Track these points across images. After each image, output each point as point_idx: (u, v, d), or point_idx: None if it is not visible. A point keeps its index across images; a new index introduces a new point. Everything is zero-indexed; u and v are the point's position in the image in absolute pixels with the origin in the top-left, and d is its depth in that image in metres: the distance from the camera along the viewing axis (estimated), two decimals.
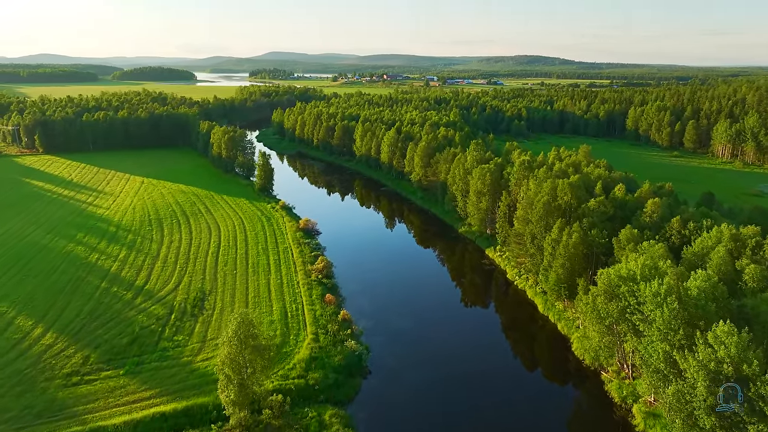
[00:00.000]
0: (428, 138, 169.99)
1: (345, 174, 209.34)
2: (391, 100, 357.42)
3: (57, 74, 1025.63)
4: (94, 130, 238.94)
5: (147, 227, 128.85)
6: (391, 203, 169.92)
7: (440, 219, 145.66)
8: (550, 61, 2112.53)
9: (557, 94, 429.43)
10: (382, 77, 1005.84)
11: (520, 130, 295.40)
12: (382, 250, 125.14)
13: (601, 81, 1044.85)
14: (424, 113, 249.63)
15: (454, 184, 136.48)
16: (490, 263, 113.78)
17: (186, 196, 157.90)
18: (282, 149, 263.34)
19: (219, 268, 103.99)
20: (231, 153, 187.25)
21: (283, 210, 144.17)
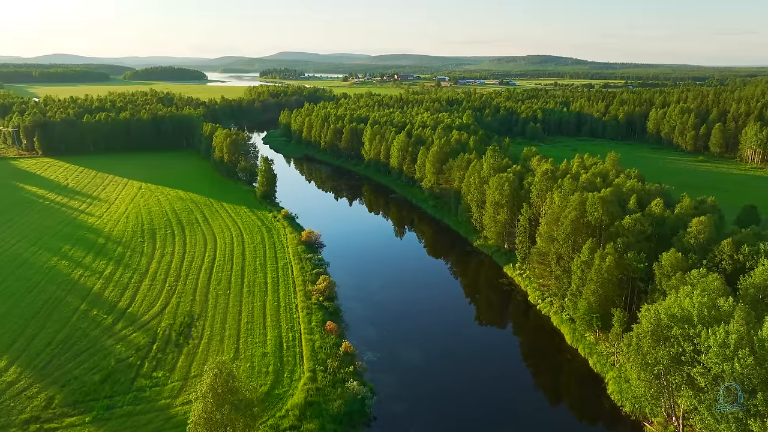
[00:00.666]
0: (440, 143, 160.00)
1: (353, 179, 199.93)
2: (401, 101, 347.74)
3: (69, 74, 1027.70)
4: (95, 132, 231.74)
5: (139, 239, 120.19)
6: (400, 211, 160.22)
7: (453, 230, 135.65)
8: (562, 61, 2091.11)
9: (572, 95, 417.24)
10: (393, 77, 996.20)
11: (535, 132, 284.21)
12: (390, 265, 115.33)
13: (615, 81, 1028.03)
14: (436, 115, 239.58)
15: (468, 194, 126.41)
16: (508, 283, 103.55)
17: (184, 204, 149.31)
18: (288, 152, 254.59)
19: (212, 287, 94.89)
20: (233, 157, 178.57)
21: (285, 220, 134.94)
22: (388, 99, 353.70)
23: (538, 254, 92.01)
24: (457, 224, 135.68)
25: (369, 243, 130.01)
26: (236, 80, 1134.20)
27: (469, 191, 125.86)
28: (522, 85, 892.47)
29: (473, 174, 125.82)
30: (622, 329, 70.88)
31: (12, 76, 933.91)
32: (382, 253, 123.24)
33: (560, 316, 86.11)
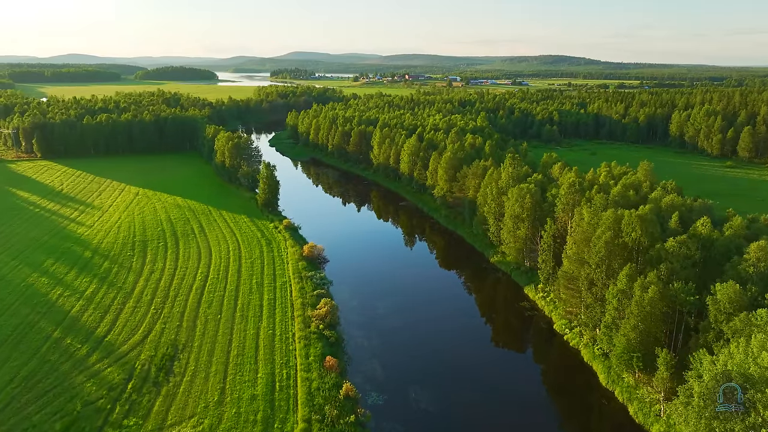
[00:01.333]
0: (454, 148, 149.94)
1: (361, 184, 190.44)
2: (412, 101, 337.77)
3: (80, 74, 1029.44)
4: (96, 134, 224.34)
5: (128, 252, 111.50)
6: (410, 220, 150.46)
7: (467, 243, 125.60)
8: (575, 61, 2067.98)
9: (589, 95, 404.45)
10: (404, 77, 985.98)
11: (551, 135, 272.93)
12: (399, 283, 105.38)
13: (630, 82, 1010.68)
14: (448, 117, 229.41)
15: (485, 205, 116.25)
16: (530, 306, 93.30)
17: (180, 212, 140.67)
18: (295, 155, 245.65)
19: (201, 311, 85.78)
20: (235, 162, 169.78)
21: (287, 231, 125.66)
22: (399, 100, 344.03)
23: (566, 278, 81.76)
24: (472, 237, 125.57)
25: (376, 257, 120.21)
26: (247, 80, 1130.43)
27: (486, 202, 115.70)
28: (535, 85, 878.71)
29: (490, 184, 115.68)
30: (670, 374, 60.76)
31: (25, 76, 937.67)
32: (391, 268, 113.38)
33: (592, 350, 75.84)
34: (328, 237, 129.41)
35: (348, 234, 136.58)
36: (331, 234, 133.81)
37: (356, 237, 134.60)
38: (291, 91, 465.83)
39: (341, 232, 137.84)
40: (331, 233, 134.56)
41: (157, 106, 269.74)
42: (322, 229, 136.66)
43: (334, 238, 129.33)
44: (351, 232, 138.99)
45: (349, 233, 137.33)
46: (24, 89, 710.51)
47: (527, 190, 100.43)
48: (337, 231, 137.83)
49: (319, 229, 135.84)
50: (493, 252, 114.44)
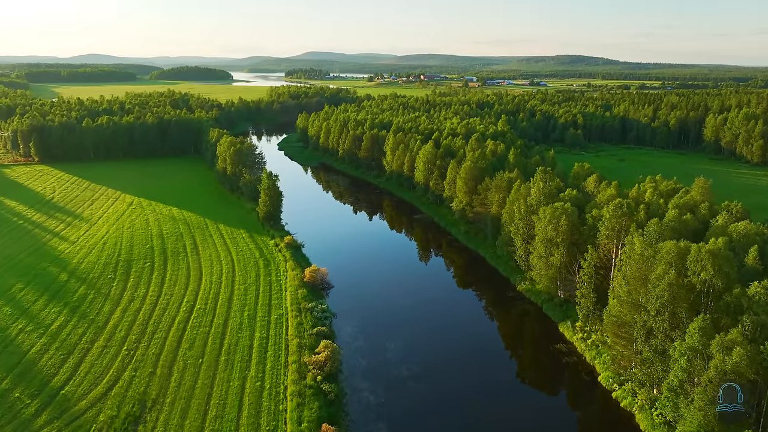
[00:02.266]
0: (474, 156, 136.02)
1: (372, 193, 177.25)
2: (428, 103, 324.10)
3: (96, 74, 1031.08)
4: (96, 137, 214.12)
5: (109, 274, 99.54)
6: (426, 235, 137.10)
7: (490, 265, 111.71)
8: (593, 61, 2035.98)
9: (612, 97, 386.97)
10: (419, 78, 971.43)
11: (576, 139, 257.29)
12: (412, 314, 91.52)
13: (651, 82, 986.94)
14: (466, 120, 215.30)
15: (510, 224, 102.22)
16: (567, 349, 79.18)
17: (174, 226, 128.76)
18: (304, 160, 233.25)
19: (181, 353, 73.21)
20: (237, 169, 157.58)
21: (288, 250, 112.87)
22: (414, 101, 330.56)
23: (615, 323, 67.63)
24: (495, 258, 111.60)
25: (387, 280, 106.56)
26: (262, 80, 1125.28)
27: (512, 221, 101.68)
28: (553, 85, 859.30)
29: (517, 200, 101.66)
30: None
31: (41, 76, 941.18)
32: (403, 293, 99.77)
33: (650, 415, 61.69)
34: (333, 256, 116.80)
35: (356, 252, 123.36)
36: (338, 252, 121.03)
37: (365, 255, 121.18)
38: (303, 92, 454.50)
39: (349, 249, 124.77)
40: (338, 251, 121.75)
41: (161, 108, 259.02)
42: (327, 246, 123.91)
43: (340, 257, 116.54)
44: (359, 249, 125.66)
45: (357, 251, 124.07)
46: (38, 89, 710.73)
47: (562, 211, 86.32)
48: (345, 248, 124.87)
49: (324, 246, 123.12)
50: (520, 278, 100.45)
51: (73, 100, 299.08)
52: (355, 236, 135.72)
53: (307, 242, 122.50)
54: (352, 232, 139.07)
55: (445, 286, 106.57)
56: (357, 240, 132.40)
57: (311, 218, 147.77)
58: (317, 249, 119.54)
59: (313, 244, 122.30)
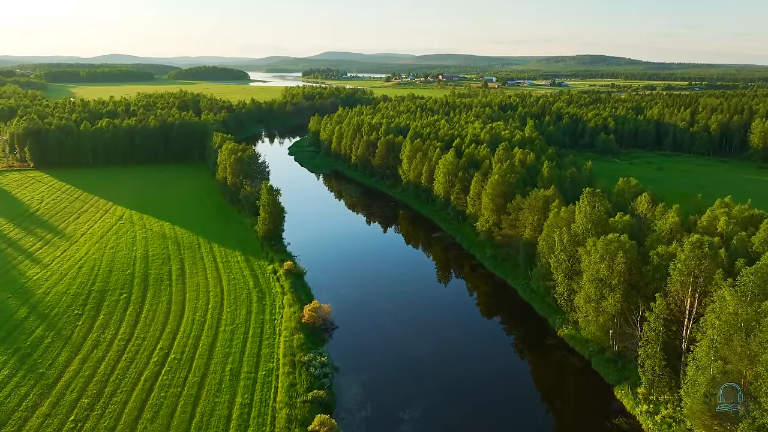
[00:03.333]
0: (502, 169, 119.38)
1: (387, 205, 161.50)
2: (447, 105, 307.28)
3: (114, 74, 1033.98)
4: (94, 141, 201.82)
5: (77, 309, 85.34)
6: (446, 255, 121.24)
7: (522, 299, 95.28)
8: (615, 61, 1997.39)
9: (642, 99, 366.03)
10: (438, 78, 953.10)
11: (607, 145, 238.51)
12: (432, 365, 75.60)
13: (677, 83, 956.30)
14: (490, 125, 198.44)
15: (549, 253, 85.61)
16: (628, 425, 62.47)
17: (163, 245, 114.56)
18: (314, 166, 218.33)
19: (140, 427, 58.29)
20: (237, 179, 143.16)
21: (288, 278, 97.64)
22: (432, 103, 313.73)
23: (706, 410, 50.89)
24: (529, 292, 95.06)
25: (402, 317, 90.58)
26: (279, 80, 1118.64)
27: (551, 251, 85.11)
28: (575, 86, 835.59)
29: (558, 226, 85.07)
30: None
31: (60, 76, 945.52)
32: (422, 337, 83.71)
33: None
34: (340, 282, 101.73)
35: (366, 277, 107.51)
36: (345, 278, 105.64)
37: (376, 282, 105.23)
38: (318, 93, 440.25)
39: (358, 274, 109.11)
40: (345, 277, 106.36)
41: (166, 111, 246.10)
42: (334, 270, 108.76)
43: (348, 285, 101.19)
44: (370, 274, 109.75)
45: (367, 276, 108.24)
46: (55, 89, 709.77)
47: (618, 245, 69.54)
48: (353, 273, 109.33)
49: (330, 270, 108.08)
50: (560, 320, 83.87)
51: (78, 101, 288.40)
52: (365, 257, 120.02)
53: (311, 265, 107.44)
54: (362, 252, 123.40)
55: (470, 324, 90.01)
56: (368, 262, 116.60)
57: (318, 234, 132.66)
58: (322, 274, 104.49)
59: (317, 267, 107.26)
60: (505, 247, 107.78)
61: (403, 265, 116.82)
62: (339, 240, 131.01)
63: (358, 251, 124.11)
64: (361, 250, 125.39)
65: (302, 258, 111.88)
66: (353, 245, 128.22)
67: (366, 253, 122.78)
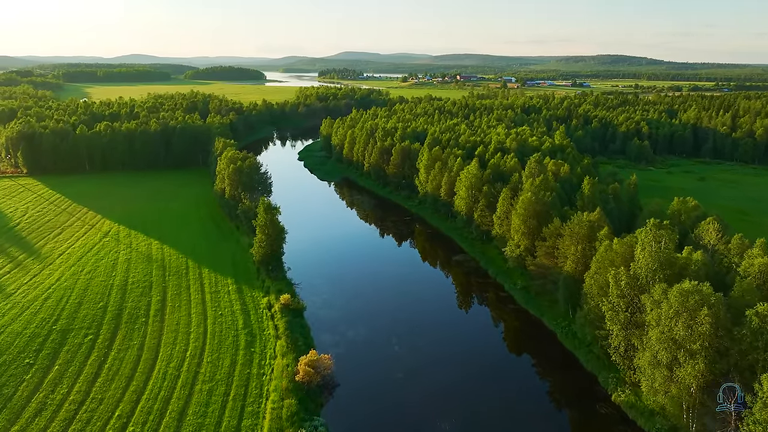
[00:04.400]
0: (534, 186, 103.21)
1: (402, 219, 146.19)
2: (466, 107, 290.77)
3: (131, 74, 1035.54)
4: (91, 146, 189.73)
5: (30, 356, 71.57)
6: (468, 282, 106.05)
7: (563, 346, 79.37)
8: (636, 61, 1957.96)
9: (672, 100, 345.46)
10: (455, 78, 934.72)
11: (642, 152, 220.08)
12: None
13: (703, 83, 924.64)
14: (515, 130, 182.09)
15: (600, 297, 69.53)
16: None
17: (147, 269, 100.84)
18: (325, 173, 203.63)
19: None
20: (236, 192, 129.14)
21: (284, 316, 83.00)
22: (451, 105, 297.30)
23: None
24: (571, 338, 79.09)
25: (418, 365, 75.13)
26: (295, 80, 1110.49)
27: (602, 293, 69.12)
28: (597, 86, 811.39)
29: (611, 263, 69.04)
30: None
31: (77, 76, 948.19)
32: (444, 396, 68.45)
33: None
34: (344, 320, 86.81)
35: (374, 311, 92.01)
36: (351, 312, 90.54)
37: (386, 316, 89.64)
38: (332, 94, 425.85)
39: (366, 306, 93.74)
40: (351, 311, 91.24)
41: (170, 113, 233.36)
42: (338, 302, 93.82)
43: (353, 322, 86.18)
44: (380, 306, 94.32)
45: (376, 309, 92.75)
46: (71, 89, 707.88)
47: (701, 299, 53.46)
48: (361, 305, 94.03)
49: (333, 302, 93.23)
50: (614, 380, 67.78)
51: (81, 103, 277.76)
52: (375, 283, 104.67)
53: (314, 293, 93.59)
54: (371, 276, 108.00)
55: (498, 369, 74.34)
56: (378, 291, 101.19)
57: (322, 255, 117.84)
58: (324, 309, 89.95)
59: (320, 297, 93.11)
60: (540, 278, 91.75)
61: (418, 296, 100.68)
62: (346, 262, 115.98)
63: (367, 275, 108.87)
64: (370, 273, 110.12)
65: (303, 286, 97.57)
66: (361, 269, 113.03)
67: (376, 278, 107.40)
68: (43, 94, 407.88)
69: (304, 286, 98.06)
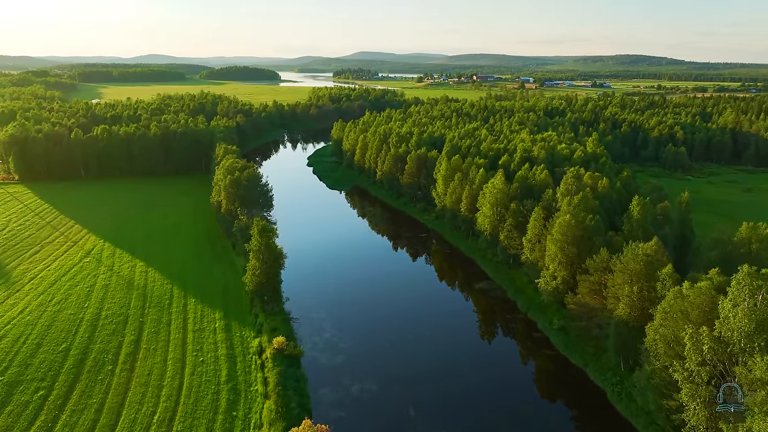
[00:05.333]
0: (575, 207, 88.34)
1: (418, 237, 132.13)
2: (485, 109, 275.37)
3: (146, 74, 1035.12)
4: (87, 151, 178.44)
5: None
6: (493, 314, 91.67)
7: (614, 408, 64.60)
8: (656, 61, 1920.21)
9: (706, 103, 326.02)
10: (472, 78, 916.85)
11: (678, 159, 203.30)
12: None
13: (728, 84, 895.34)
14: (540, 136, 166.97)
15: (672, 360, 54.72)
16: None
17: (125, 299, 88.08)
18: (334, 181, 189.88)
19: None
20: (232, 206, 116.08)
21: (277, 365, 69.30)
22: (469, 108, 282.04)
23: None
24: (626, 402, 64.15)
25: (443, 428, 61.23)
26: (310, 80, 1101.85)
27: (673, 352, 54.36)
28: (618, 87, 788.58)
29: (684, 317, 54.26)
30: None
31: (92, 76, 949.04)
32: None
33: None
34: (349, 367, 72.75)
35: (384, 356, 78.12)
36: (358, 355, 76.49)
37: (399, 365, 75.79)
38: (345, 95, 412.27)
39: (375, 346, 79.72)
40: (358, 353, 77.18)
41: (171, 116, 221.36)
42: (342, 345, 79.74)
43: (360, 371, 72.07)
44: (390, 352, 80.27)
45: (385, 355, 78.82)
46: (84, 89, 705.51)
47: None
48: (369, 345, 80.00)
49: (337, 345, 79.19)
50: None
51: (82, 104, 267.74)
52: (389, 319, 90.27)
53: (314, 333, 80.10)
54: (383, 307, 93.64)
55: None
56: (391, 329, 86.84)
57: (328, 279, 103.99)
58: (327, 351, 76.18)
59: (321, 337, 79.25)
60: (583, 319, 76.98)
61: (438, 326, 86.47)
62: (354, 288, 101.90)
63: (377, 306, 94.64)
64: (380, 303, 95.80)
65: (303, 321, 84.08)
66: (370, 298, 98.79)
67: (388, 311, 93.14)
68: (51, 94, 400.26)
69: (304, 321, 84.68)
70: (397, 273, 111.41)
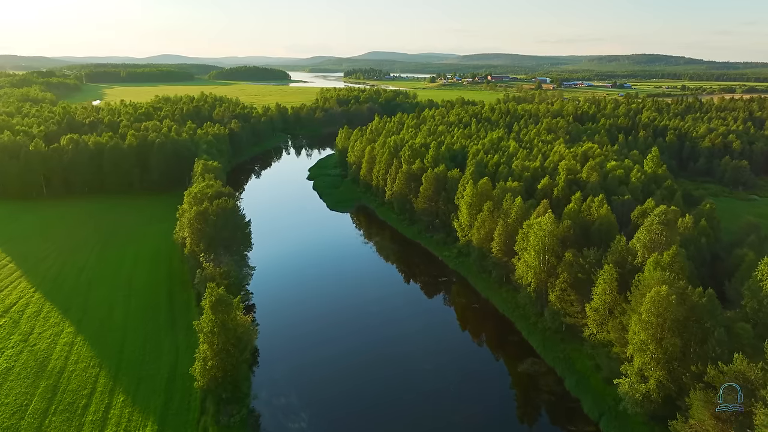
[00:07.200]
0: (664, 264, 60.80)
1: (434, 280, 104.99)
2: (508, 114, 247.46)
3: (154, 74, 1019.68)
4: (49, 165, 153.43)
5: None
6: (545, 411, 64.25)
7: None
8: (673, 61, 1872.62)
9: (746, 106, 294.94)
10: (486, 79, 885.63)
11: (738, 174, 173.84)
12: None
13: (753, 83, 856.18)
14: (583, 149, 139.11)
15: None
16: None
17: (25, 399, 62.20)
18: (336, 201, 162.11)
19: None
20: (197, 247, 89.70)
21: None
22: (489, 112, 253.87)
23: None
24: None
25: None
26: (320, 80, 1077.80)
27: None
28: (639, 87, 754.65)
29: None
30: None
31: (99, 76, 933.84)
32: None
33: None
34: None
35: None
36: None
37: None
38: (353, 97, 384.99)
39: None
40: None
41: (153, 123, 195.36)
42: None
43: None
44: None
45: None
46: (89, 90, 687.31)
47: None
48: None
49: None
50: None
51: (59, 109, 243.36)
52: (399, 412, 63.76)
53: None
54: (393, 403, 67.12)
55: None
56: None
57: (318, 351, 77.04)
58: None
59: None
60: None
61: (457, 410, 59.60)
62: (353, 369, 75.07)
63: (387, 399, 67.85)
64: (390, 398, 69.01)
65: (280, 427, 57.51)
66: (376, 387, 72.01)
67: (400, 406, 66.40)
68: (43, 96, 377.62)
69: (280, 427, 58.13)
70: (411, 338, 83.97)
